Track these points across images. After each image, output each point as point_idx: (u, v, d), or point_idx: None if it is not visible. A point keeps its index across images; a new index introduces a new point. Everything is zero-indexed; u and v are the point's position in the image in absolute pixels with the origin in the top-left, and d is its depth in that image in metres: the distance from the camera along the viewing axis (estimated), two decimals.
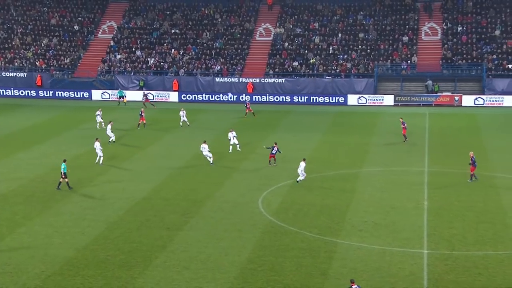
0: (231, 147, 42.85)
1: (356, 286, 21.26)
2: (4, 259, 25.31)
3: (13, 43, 71.64)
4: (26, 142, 45.58)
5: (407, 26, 70.47)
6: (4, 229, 28.38)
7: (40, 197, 33.21)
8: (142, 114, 50.79)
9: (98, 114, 50.74)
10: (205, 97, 65.00)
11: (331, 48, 69.01)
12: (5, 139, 46.83)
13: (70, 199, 32.93)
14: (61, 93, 65.55)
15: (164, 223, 29.55)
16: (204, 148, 39.52)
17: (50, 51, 70.80)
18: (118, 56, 69.94)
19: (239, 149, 42.83)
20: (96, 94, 65.30)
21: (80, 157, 41.50)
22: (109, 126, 45.23)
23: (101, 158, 39.34)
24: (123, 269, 24.59)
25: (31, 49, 70.87)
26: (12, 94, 65.85)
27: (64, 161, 34.64)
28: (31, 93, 66.01)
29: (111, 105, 61.85)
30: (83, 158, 41.03)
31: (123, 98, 62.18)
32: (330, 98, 63.86)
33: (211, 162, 39.40)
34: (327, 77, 66.06)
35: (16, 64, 69.30)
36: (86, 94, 65.25)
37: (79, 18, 74.99)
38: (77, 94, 65.31)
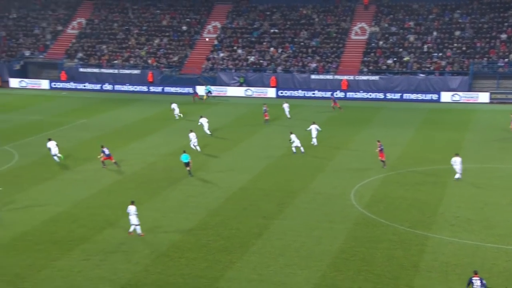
0: (314, 140, 42.67)
1: (478, 278, 20.30)
2: (119, 239, 26.51)
3: (129, 43, 74.61)
4: (139, 133, 47.39)
5: (505, 24, 66.89)
6: (119, 211, 29.69)
7: (150, 184, 34.44)
8: (266, 110, 50.99)
9: (174, 108, 52.37)
10: (301, 93, 64.82)
11: (425, 46, 66.77)
12: (121, 131, 48.95)
13: (175, 186, 33.93)
14: (170, 89, 67.57)
15: (260, 212, 29.80)
16: (295, 141, 39.71)
17: (161, 50, 73.14)
18: (221, 54, 71.18)
19: (313, 143, 42.43)
20: (201, 90, 66.77)
21: (186, 147, 42.61)
22: (204, 121, 45.82)
23: (197, 148, 40.57)
24: (223, 254, 25.05)
25: (145, 48, 73.51)
26: (127, 89, 68.66)
27: (184, 151, 36.00)
28: (143, 89, 68.54)
29: (212, 100, 63.04)
30: (187, 149, 42.07)
31: (210, 93, 62.78)
32: (423, 95, 61.81)
33: (302, 150, 39.75)
34: (420, 75, 63.99)
35: (131, 62, 72.18)
36: (191, 90, 66.87)
37: (187, 19, 76.95)
38: (184, 90, 67.08)
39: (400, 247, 25.27)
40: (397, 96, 62.51)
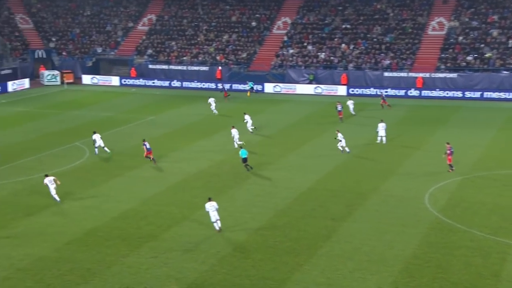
0: (379, 138, 42.31)
1: None
2: (186, 237, 27.04)
3: (198, 39, 75.84)
4: (206, 131, 48.09)
5: None
6: (186, 210, 30.25)
7: (216, 183, 34.89)
8: (339, 108, 50.81)
9: (211, 102, 53.79)
10: (373, 91, 63.88)
11: (510, 42, 64.17)
12: (188, 128, 49.83)
13: (242, 186, 34.22)
14: (238, 86, 68.19)
15: (328, 214, 29.61)
16: (341, 140, 39.83)
17: (230, 46, 73.93)
18: (291, 51, 71.16)
19: (379, 142, 42.11)
20: (269, 87, 67.05)
21: (253, 145, 42.90)
22: (248, 118, 46.29)
23: (236, 143, 41.23)
24: (290, 255, 25.07)
25: (213, 45, 74.53)
26: (195, 86, 69.84)
27: (241, 147, 36.77)
28: (211, 85, 69.52)
29: (282, 98, 63.13)
30: (255, 147, 42.37)
31: (252, 89, 63.34)
32: (507, 93, 59.51)
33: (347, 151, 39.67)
34: (504, 72, 61.60)
35: (199, 58, 73.37)
36: (259, 87, 67.26)
37: (257, 15, 77.40)
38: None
39: (479, 254, 24.47)
40: (477, 94, 60.49)
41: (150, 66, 73.17)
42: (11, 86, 66.19)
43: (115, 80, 72.18)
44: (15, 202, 31.25)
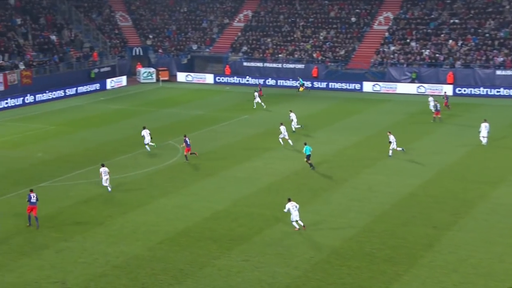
0: (481, 139, 41.14)
1: None
2: (278, 241, 27.09)
3: (295, 36, 75.91)
4: (303, 130, 47.94)
5: None
6: (278, 212, 30.31)
7: (310, 185, 34.70)
8: (438, 108, 49.53)
9: (255, 96, 55.10)
10: (483, 91, 61.21)
11: None
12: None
13: (337, 189, 33.83)
14: (334, 85, 67.57)
15: (430, 221, 28.66)
16: (392, 141, 38.87)
17: (327, 43, 73.45)
18: (392, 48, 69.62)
19: (482, 142, 40.77)
20: (367, 86, 65.96)
21: (349, 147, 42.36)
22: (293, 116, 46.24)
23: (289, 141, 41.67)
24: (388, 264, 24.48)
25: (310, 42, 74.34)
26: (291, 85, 69.88)
27: (305, 144, 37.32)
28: (306, 84, 69.26)
29: (382, 97, 61.95)
30: (351, 149, 41.83)
31: (302, 86, 63.65)
32: None
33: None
34: None
35: (295, 56, 73.42)
36: (357, 86, 66.33)
37: (357, 10, 76.38)
38: (349, 86, 66.71)
39: None
40: None
41: (245, 64, 74.07)
42: (110, 83, 69.15)
43: (209, 78, 73.68)
44: (111, 200, 32.57)
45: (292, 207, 27.84)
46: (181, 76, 74.05)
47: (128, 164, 39.27)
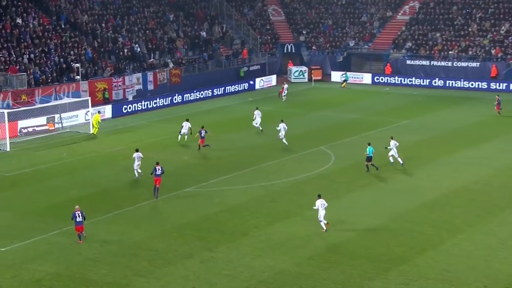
0: None
1: None
2: (443, 265, 26.15)
3: (470, 29, 72.77)
4: (472, 139, 46.08)
5: None
6: (444, 232, 29.27)
7: (482, 202, 33.21)
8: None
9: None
10: None
11: None
12: (451, 134, 48.21)
13: None
14: None
15: None
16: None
17: (510, 38, 69.67)
18: None
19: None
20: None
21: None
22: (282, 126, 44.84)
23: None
24: None
25: (488, 36, 70.96)
26: (462, 85, 67.32)
27: (369, 144, 37.77)
28: (481, 85, 66.34)
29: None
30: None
31: (344, 82, 63.01)
32: None
33: None
34: None
35: (469, 53, 70.43)
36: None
37: None
38: None
39: None
40: None
41: (408, 62, 72.50)
42: (259, 83, 70.95)
43: (366, 78, 73.06)
44: (257, 209, 33.32)
45: (321, 205, 29.28)
46: (336, 76, 74.04)
47: (276, 170, 39.98)
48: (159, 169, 34.82)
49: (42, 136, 49.21)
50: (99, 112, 51.98)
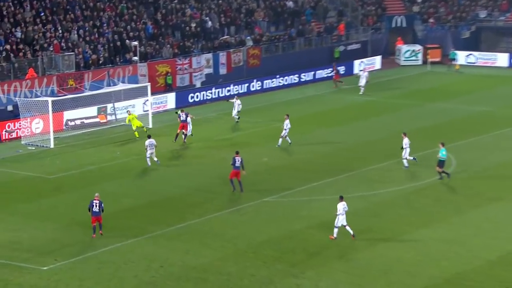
0: None
1: None
2: None
3: None
4: None
5: None
6: None
7: None
8: None
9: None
10: None
11: None
12: None
13: None
14: None
15: None
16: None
17: None
18: None
19: None
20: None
21: None
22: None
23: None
24: None
25: None
26: None
27: (442, 144, 37.80)
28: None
29: None
30: None
31: (454, 61, 63.09)
32: None
33: None
34: None
35: None
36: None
37: None
38: None
39: None
40: None
41: None
42: (358, 66, 70.40)
43: (502, 59, 71.54)
44: (355, 225, 32.79)
45: (342, 208, 30.66)
46: (460, 56, 72.65)
47: (378, 177, 39.82)
48: (238, 160, 36.54)
49: (91, 130, 50.45)
50: (129, 112, 49.71)
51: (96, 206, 31.44)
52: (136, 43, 58.56)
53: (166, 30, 63.60)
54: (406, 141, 40.53)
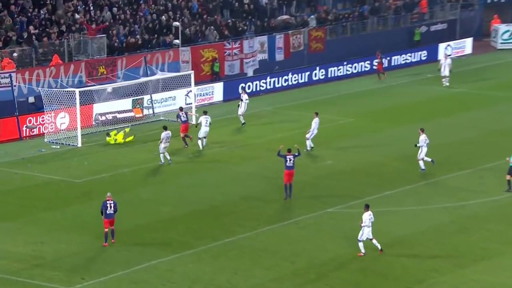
0: None
1: None
2: None
3: None
4: None
5: None
6: None
7: None
8: None
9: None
10: None
11: None
12: None
13: None
14: None
15: None
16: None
17: None
18: None
19: None
20: None
21: None
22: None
23: None
24: None
25: None
26: None
27: None
28: None
29: None
30: None
31: None
32: None
33: None
34: None
35: None
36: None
37: None
38: None
39: None
40: None
41: None
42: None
43: None
44: (438, 243, 32.73)
45: (368, 219, 31.22)
46: None
47: (467, 186, 39.56)
48: (290, 160, 36.82)
49: (125, 126, 50.55)
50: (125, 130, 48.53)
51: (110, 207, 31.84)
52: (178, 23, 58.52)
53: (215, 8, 63.35)
54: (422, 138, 40.73)
